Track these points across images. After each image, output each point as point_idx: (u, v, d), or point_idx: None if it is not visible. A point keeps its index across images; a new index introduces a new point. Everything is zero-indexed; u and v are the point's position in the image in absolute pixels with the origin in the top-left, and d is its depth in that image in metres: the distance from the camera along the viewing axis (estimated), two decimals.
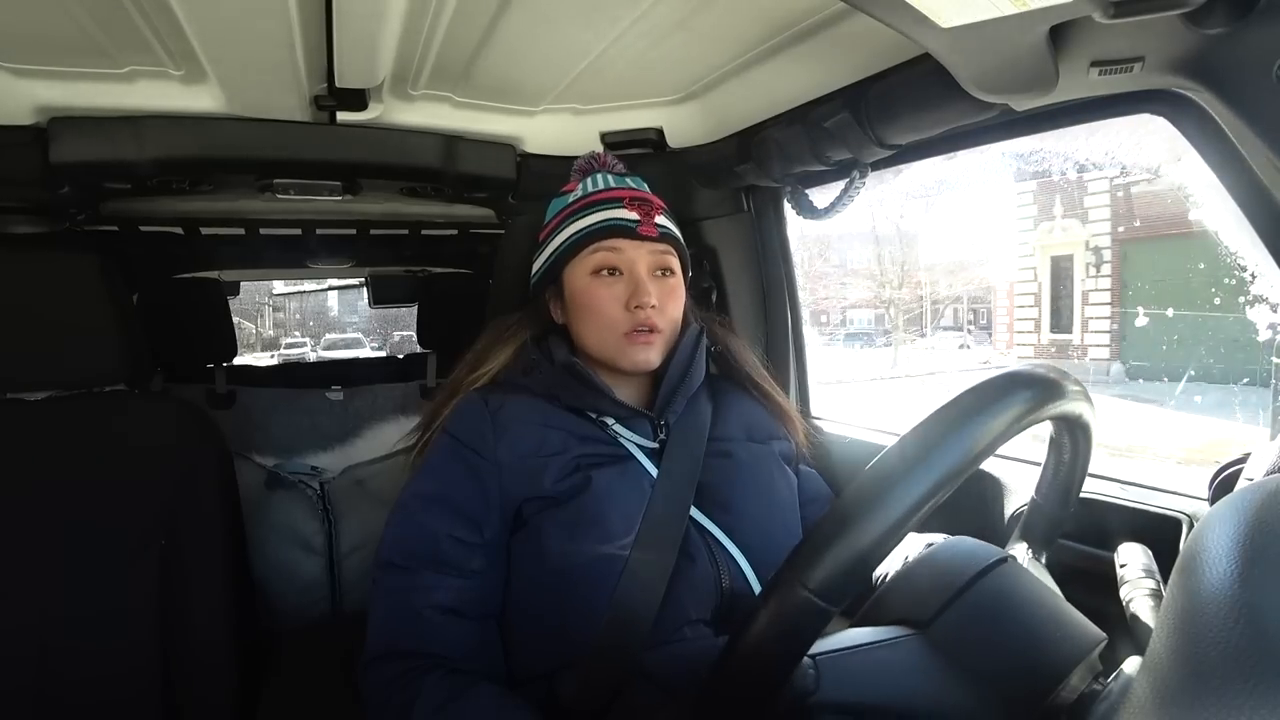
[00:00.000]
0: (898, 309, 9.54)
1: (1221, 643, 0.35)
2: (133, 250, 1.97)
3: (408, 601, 0.79)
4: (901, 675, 0.53)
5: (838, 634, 0.56)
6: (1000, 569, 0.58)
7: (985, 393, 0.51)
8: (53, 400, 1.10)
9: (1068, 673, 0.51)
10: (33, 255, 1.13)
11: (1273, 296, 0.75)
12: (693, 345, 0.92)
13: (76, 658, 1.00)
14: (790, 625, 0.47)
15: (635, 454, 0.86)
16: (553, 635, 0.79)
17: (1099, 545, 0.83)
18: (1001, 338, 7.14)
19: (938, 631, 0.54)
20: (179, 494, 1.07)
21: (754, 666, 0.48)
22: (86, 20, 0.84)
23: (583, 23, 0.92)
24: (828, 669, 0.51)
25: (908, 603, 0.58)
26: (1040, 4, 0.55)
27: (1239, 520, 0.39)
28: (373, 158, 1.19)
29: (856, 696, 0.51)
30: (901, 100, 0.89)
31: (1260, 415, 2.16)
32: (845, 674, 0.52)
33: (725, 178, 1.29)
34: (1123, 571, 0.69)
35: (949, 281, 9.46)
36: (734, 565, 0.82)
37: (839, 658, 0.52)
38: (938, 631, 0.54)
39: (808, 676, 0.50)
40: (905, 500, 0.46)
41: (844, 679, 0.51)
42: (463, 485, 0.83)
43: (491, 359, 0.94)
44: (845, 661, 0.52)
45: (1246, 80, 0.58)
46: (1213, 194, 0.72)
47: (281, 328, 15.41)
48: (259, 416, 2.07)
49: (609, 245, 0.89)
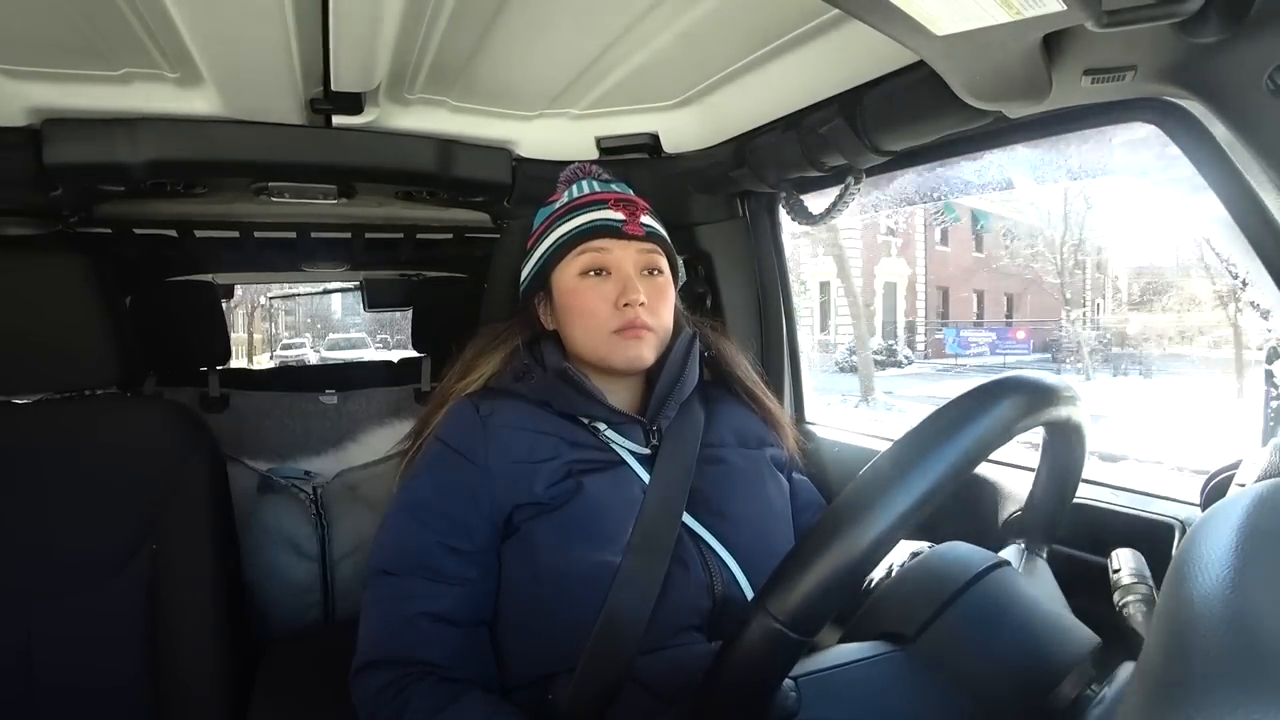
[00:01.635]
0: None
1: (1214, 648, 0.35)
2: (126, 253, 1.97)
3: (399, 609, 0.79)
4: (884, 694, 0.53)
5: (822, 652, 0.56)
6: (992, 575, 0.58)
7: (972, 403, 0.51)
8: (44, 403, 1.10)
9: (1061, 678, 0.51)
10: (25, 257, 1.12)
11: (1264, 304, 0.75)
12: (685, 350, 0.92)
13: (65, 662, 0.99)
14: (763, 656, 0.47)
15: (628, 460, 0.86)
16: (545, 642, 0.79)
17: (1092, 550, 0.84)
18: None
19: (924, 645, 0.54)
20: (170, 498, 1.06)
21: (733, 694, 0.48)
22: (81, 22, 0.84)
23: (579, 28, 0.92)
24: (809, 690, 0.51)
25: (895, 615, 0.57)
26: (1034, 12, 0.55)
27: (1231, 526, 0.40)
28: (368, 161, 1.19)
29: (839, 717, 0.51)
30: (896, 107, 0.89)
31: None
32: (827, 695, 0.51)
33: (720, 183, 1.29)
34: (1115, 577, 0.69)
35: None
36: (726, 571, 0.82)
37: (821, 679, 0.52)
38: (924, 645, 0.54)
39: (789, 699, 0.50)
40: (882, 524, 0.46)
41: (826, 700, 0.51)
42: (454, 492, 0.83)
43: (482, 365, 0.94)
44: (827, 682, 0.52)
45: (1238, 89, 0.58)
46: (1204, 202, 0.73)
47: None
48: (252, 420, 2.07)
49: (596, 246, 0.90)
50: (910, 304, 14.91)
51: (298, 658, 1.22)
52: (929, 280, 15.20)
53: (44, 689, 0.98)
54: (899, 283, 14.87)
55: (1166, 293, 10.20)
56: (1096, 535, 0.85)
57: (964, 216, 14.08)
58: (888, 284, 14.63)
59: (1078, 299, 11.76)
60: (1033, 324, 14.15)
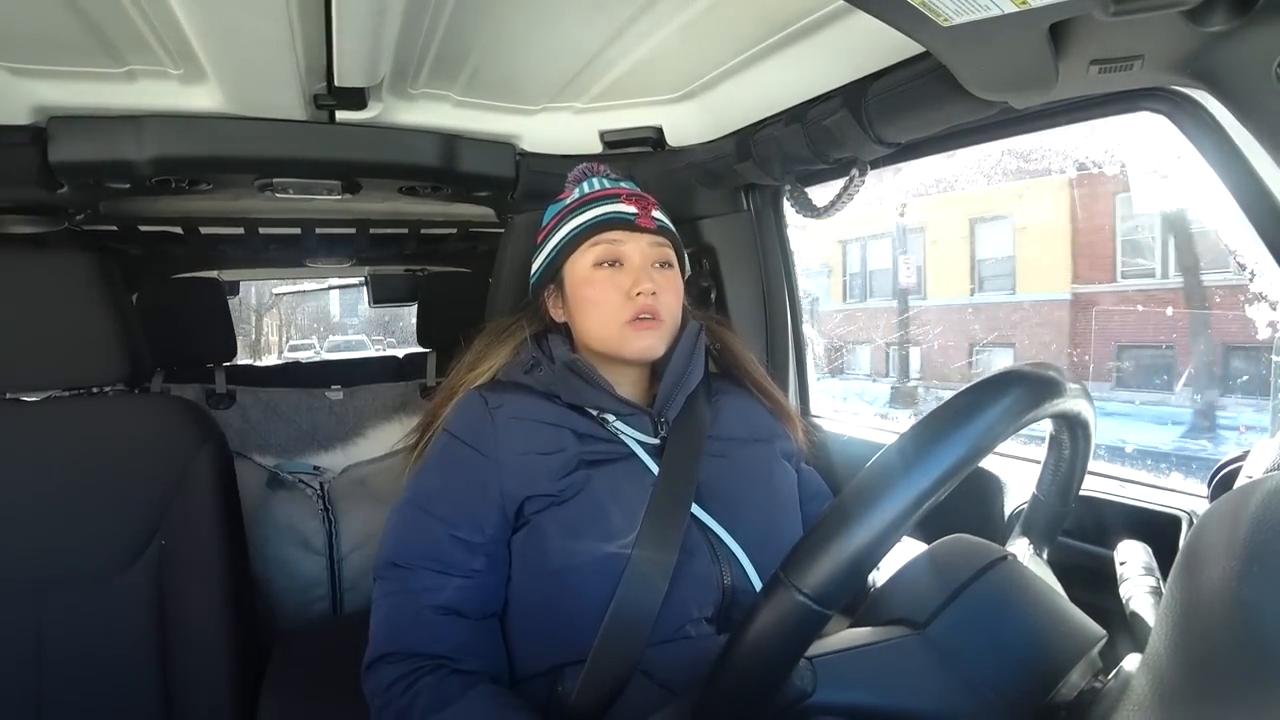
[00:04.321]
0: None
1: (1221, 640, 0.35)
2: (132, 250, 1.98)
3: (409, 602, 0.80)
4: (898, 677, 0.53)
5: (836, 635, 0.56)
6: (999, 567, 0.58)
7: (983, 392, 0.51)
8: (51, 400, 1.10)
9: (1068, 670, 0.51)
10: (32, 255, 1.13)
11: (1272, 294, 0.75)
12: (692, 342, 0.92)
13: (74, 657, 1.00)
14: (786, 629, 0.47)
15: (636, 451, 0.86)
16: (554, 633, 0.79)
17: (1099, 543, 0.84)
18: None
19: (935, 631, 0.54)
20: (178, 493, 1.07)
21: (751, 668, 0.48)
22: (86, 19, 0.84)
23: (582, 21, 0.92)
24: (825, 670, 0.51)
25: (906, 602, 0.58)
26: (1041, 2, 0.54)
27: (1238, 518, 0.39)
28: (372, 157, 1.19)
29: (853, 698, 0.51)
30: (901, 99, 0.89)
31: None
32: (842, 676, 0.52)
33: (725, 176, 1.28)
34: (1122, 569, 0.69)
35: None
36: (735, 563, 0.82)
37: (836, 659, 0.52)
38: (935, 631, 0.54)
39: (805, 678, 0.50)
40: (903, 500, 0.46)
41: (841, 681, 0.51)
42: (463, 484, 0.83)
43: (490, 358, 0.94)
44: (842, 663, 0.52)
45: (1246, 78, 0.58)
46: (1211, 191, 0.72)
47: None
48: (259, 416, 2.08)
49: (609, 237, 0.90)
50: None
51: (306, 651, 1.23)
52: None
53: (54, 684, 0.99)
54: None
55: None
56: (1103, 527, 0.85)
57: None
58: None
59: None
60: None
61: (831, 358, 6.95)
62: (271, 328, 13.14)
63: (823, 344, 6.16)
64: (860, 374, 7.32)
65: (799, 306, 1.42)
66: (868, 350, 7.44)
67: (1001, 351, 6.41)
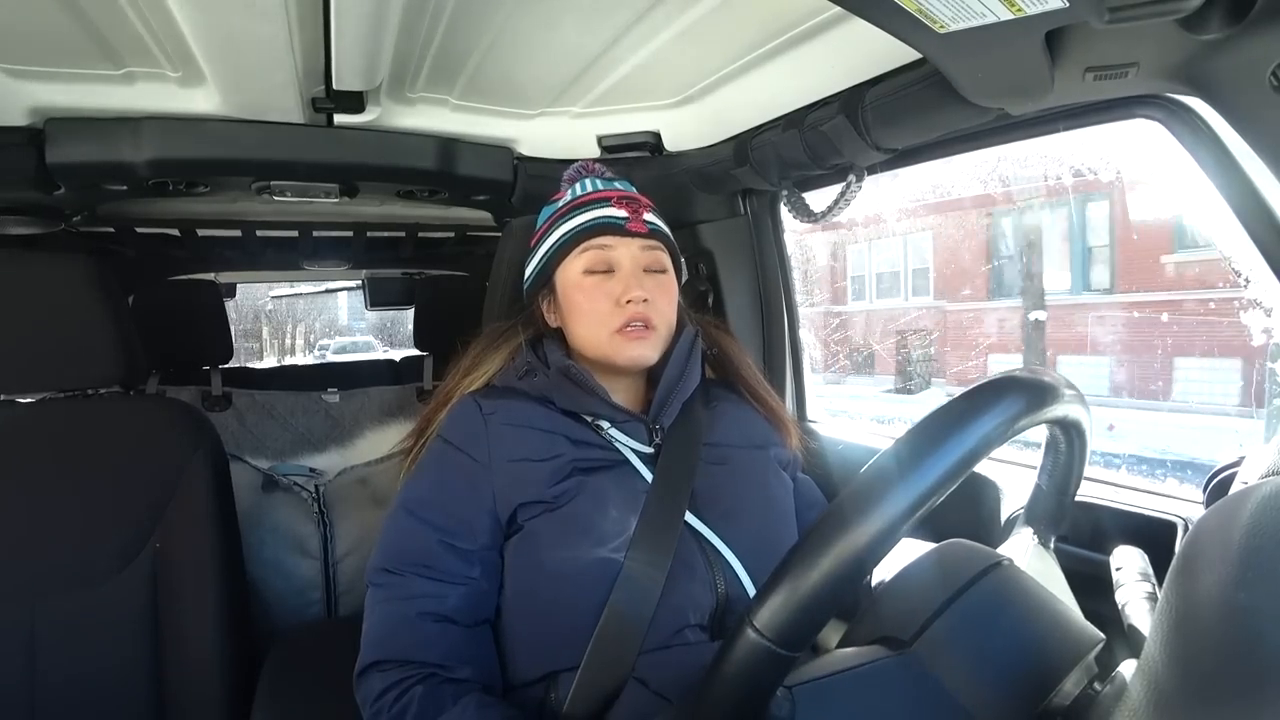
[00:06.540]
0: None
1: (1216, 645, 0.35)
2: (129, 252, 1.97)
3: (401, 609, 0.79)
4: (880, 702, 0.52)
5: (817, 660, 0.55)
6: (993, 574, 0.57)
7: (975, 401, 0.50)
8: (47, 402, 1.10)
9: (1062, 677, 0.51)
10: (28, 256, 1.12)
11: (1267, 301, 0.75)
12: (688, 348, 0.92)
13: (68, 660, 1.00)
14: (752, 673, 0.46)
15: (630, 458, 0.86)
16: (547, 640, 0.79)
17: (1094, 549, 0.83)
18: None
19: (921, 649, 0.53)
20: (173, 496, 1.06)
21: (724, 707, 0.47)
22: (84, 21, 0.84)
23: (581, 26, 0.92)
24: (804, 699, 0.50)
25: (893, 616, 0.56)
26: (1037, 9, 0.55)
27: (1233, 524, 0.39)
28: (369, 160, 1.19)
29: None
30: (897, 104, 0.89)
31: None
32: (821, 703, 0.51)
33: (722, 181, 1.29)
34: (1118, 575, 0.69)
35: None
36: (730, 571, 0.82)
37: (815, 687, 0.51)
38: (921, 649, 0.53)
39: (783, 708, 0.49)
40: (869, 535, 0.45)
41: (820, 709, 0.50)
42: (457, 490, 0.83)
43: (486, 363, 0.93)
44: (821, 690, 0.51)
45: (1241, 86, 0.58)
46: (1206, 199, 0.73)
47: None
48: (255, 418, 2.07)
49: (599, 243, 0.89)
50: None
51: (300, 654, 1.22)
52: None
53: (48, 686, 0.98)
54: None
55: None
56: (1099, 533, 0.85)
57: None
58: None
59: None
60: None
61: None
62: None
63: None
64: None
65: (796, 311, 1.42)
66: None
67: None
